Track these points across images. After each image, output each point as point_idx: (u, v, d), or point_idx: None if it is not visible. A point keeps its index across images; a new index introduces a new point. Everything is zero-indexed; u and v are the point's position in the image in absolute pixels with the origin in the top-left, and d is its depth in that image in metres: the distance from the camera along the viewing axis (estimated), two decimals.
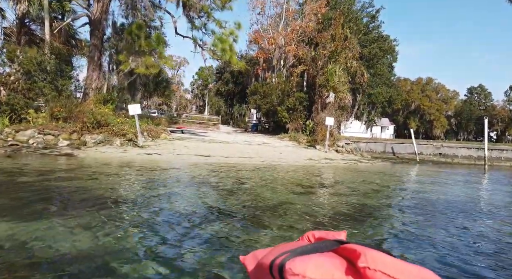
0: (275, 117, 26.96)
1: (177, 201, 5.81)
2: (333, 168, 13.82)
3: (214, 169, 10.82)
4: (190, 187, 7.40)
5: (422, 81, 68.76)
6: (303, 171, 11.84)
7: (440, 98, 68.33)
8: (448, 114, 69.70)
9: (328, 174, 11.62)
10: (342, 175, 11.45)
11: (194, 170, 10.14)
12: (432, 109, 64.92)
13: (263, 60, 33.03)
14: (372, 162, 17.28)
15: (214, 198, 6.30)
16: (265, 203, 6.06)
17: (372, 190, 8.61)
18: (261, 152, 16.37)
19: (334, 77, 24.20)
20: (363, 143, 23.54)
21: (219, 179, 8.64)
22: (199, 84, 68.69)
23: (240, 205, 5.83)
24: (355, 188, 8.64)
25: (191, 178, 8.54)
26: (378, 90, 33.15)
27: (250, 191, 7.10)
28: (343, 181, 9.91)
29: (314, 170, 12.58)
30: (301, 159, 15.62)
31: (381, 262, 0.56)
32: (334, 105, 24.06)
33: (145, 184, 7.42)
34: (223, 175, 9.35)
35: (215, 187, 7.38)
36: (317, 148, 19.54)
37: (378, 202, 7.00)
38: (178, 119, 32.94)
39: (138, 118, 18.48)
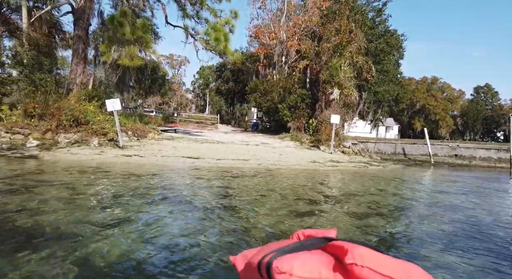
0: (276, 116, 24.97)
1: (105, 246, 3.40)
2: (340, 172, 11.81)
3: (198, 175, 8.86)
4: (152, 206, 5.43)
5: (427, 81, 66.47)
6: (306, 177, 9.85)
7: (445, 98, 65.98)
8: (454, 114, 67.32)
9: (335, 181, 9.61)
10: (352, 183, 9.43)
11: (172, 177, 8.18)
12: (437, 109, 62.63)
13: (263, 56, 31.04)
14: (384, 165, 15.26)
15: (175, 231, 4.21)
16: (251, 237, 4.08)
17: (395, 207, 6.60)
18: (258, 154, 14.40)
19: (339, 72, 22.18)
20: (371, 143, 21.50)
21: (198, 191, 6.67)
22: (200, 83, 66.81)
23: (211, 247, 3.60)
24: (373, 203, 6.64)
25: (162, 191, 6.56)
26: (385, 87, 31.03)
27: (232, 213, 5.12)
28: (355, 191, 7.90)
29: (319, 175, 10.58)
30: (304, 161, 13.64)
31: (369, 259, 0.55)
32: (339, 103, 22.06)
33: (84, 202, 5.47)
34: (205, 184, 7.38)
35: (186, 207, 5.39)
36: (321, 149, 17.53)
37: (411, 230, 5.00)
38: (175, 119, 31.07)
39: (123, 117, 16.60)
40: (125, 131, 14.71)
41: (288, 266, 0.56)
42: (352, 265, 0.55)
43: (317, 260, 0.59)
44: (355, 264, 0.55)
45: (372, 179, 10.62)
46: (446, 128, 63.37)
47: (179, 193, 6.22)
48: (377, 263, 0.56)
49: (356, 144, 19.29)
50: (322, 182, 9.12)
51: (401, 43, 31.78)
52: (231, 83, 42.24)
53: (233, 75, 41.66)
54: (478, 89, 68.17)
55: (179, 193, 6.25)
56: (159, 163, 10.78)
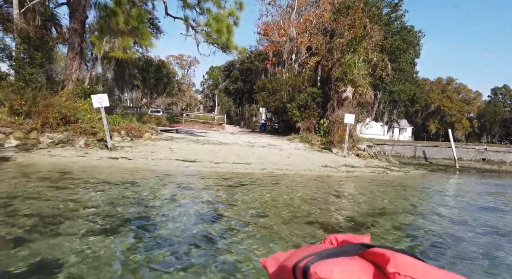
0: (285, 116, 23.26)
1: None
2: (357, 179, 10.04)
3: (188, 183, 7.26)
4: (90, 238, 3.84)
5: (442, 81, 63.64)
6: (317, 186, 8.13)
7: (461, 99, 63.03)
8: (470, 116, 64.25)
9: (353, 191, 7.84)
10: (374, 195, 7.66)
11: (152, 187, 6.58)
12: (453, 111, 59.78)
13: (272, 54, 29.39)
14: (404, 170, 13.39)
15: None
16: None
17: (437, 235, 4.85)
18: (263, 156, 12.74)
19: (353, 69, 20.34)
20: (388, 145, 19.56)
21: (174, 211, 5.04)
22: (210, 84, 65.59)
23: None
24: (408, 228, 4.92)
25: (123, 211, 4.98)
26: (401, 87, 28.98)
27: (213, 255, 3.47)
28: (382, 209, 6.13)
29: (333, 184, 8.85)
30: (314, 165, 11.92)
31: (411, 268, 0.52)
32: (353, 102, 20.20)
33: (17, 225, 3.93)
34: (189, 199, 5.76)
35: (151, 237, 3.79)
36: (333, 152, 15.76)
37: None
38: (180, 119, 29.69)
39: (118, 115, 15.20)
40: (117, 131, 13.27)
41: (327, 272, 0.53)
42: (395, 274, 0.51)
43: (357, 267, 0.55)
44: (397, 273, 0.51)
45: (396, 189, 8.83)
46: (462, 131, 60.42)
47: (145, 215, 4.59)
48: (421, 273, 0.52)
49: (372, 146, 17.44)
50: (338, 193, 7.39)
51: (418, 40, 29.65)
52: (239, 82, 40.70)
53: (241, 75, 40.13)
54: (496, 90, 64.92)
55: (146, 214, 4.62)
56: (148, 167, 9.24)
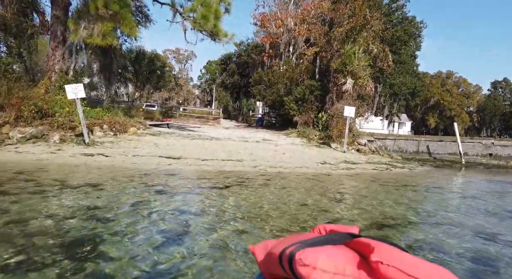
0: (282, 109, 22.14)
1: None
2: (359, 178, 8.96)
3: (163, 185, 6.17)
4: None
5: (442, 75, 62.38)
6: (315, 187, 7.05)
7: (461, 93, 61.83)
8: (470, 110, 63.14)
9: (354, 194, 6.73)
10: (379, 196, 6.57)
11: (119, 192, 5.49)
12: (452, 105, 58.59)
13: (269, 46, 28.16)
14: (409, 167, 12.30)
15: None
16: None
17: (469, 256, 3.79)
18: (257, 152, 11.66)
19: (353, 60, 19.18)
20: (390, 140, 18.46)
21: (134, 223, 3.96)
22: (207, 78, 64.24)
23: None
24: (428, 246, 3.85)
25: (71, 228, 3.90)
26: (401, 79, 27.82)
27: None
28: (388, 217, 5.07)
29: (332, 184, 7.78)
30: (312, 162, 10.85)
31: (395, 258, 0.53)
32: (353, 95, 19.08)
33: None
34: (158, 209, 4.66)
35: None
36: (332, 147, 14.69)
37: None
38: (174, 113, 28.55)
39: (101, 108, 14.08)
40: (99, 125, 12.16)
41: (313, 259, 0.53)
42: (377, 263, 0.52)
43: (342, 256, 0.56)
44: (380, 263, 0.52)
45: (403, 189, 7.75)
46: (462, 125, 59.26)
47: (88, 237, 3.50)
48: (404, 263, 0.53)
49: (373, 141, 16.37)
50: (338, 197, 6.30)
51: (420, 31, 28.42)
52: (236, 76, 39.46)
53: (238, 68, 38.88)
54: (495, 84, 63.70)
55: (89, 236, 3.52)
56: (125, 164, 8.15)
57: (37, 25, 16.81)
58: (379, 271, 0.52)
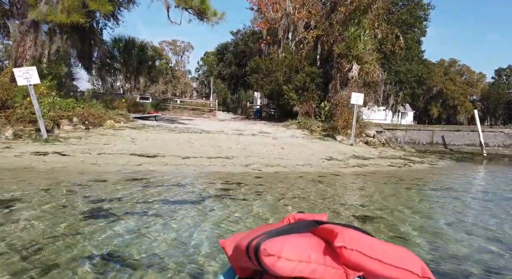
0: (281, 99, 20.22)
1: None
2: (375, 179, 7.10)
3: (112, 199, 4.35)
4: None
5: (444, 64, 60.03)
6: (321, 196, 5.22)
7: (464, 82, 59.56)
8: (473, 98, 60.98)
9: (379, 207, 4.74)
10: (415, 211, 4.71)
11: (38, 215, 3.68)
12: (456, 94, 56.41)
13: (267, 32, 26.08)
14: (429, 161, 10.44)
15: None
16: None
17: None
18: (252, 147, 9.84)
19: (358, 43, 17.23)
20: (401, 131, 16.55)
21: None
22: (205, 70, 62.04)
23: None
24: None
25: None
26: (407, 66, 25.78)
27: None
28: (449, 256, 3.24)
29: (345, 190, 5.95)
30: (316, 158, 9.02)
31: (358, 242, 0.54)
32: (358, 82, 17.16)
33: None
34: (80, 243, 2.85)
35: None
36: (337, 139, 12.85)
37: None
38: (167, 105, 26.67)
39: (72, 99, 12.22)
40: (68, 117, 10.32)
41: (277, 249, 0.53)
42: (341, 248, 0.53)
43: (307, 243, 0.56)
44: (344, 247, 0.53)
45: (441, 196, 5.90)
46: (465, 114, 57.28)
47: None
48: (367, 247, 0.54)
49: (381, 132, 14.53)
50: (357, 211, 4.46)
51: (427, 13, 26.27)
52: (233, 67, 37.39)
53: (235, 58, 36.79)
54: (500, 71, 61.37)
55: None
56: (82, 167, 6.33)
57: (6, 7, 14.90)
58: (343, 255, 0.53)
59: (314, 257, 0.54)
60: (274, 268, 0.53)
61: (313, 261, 0.54)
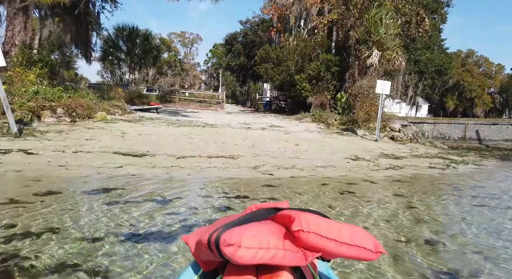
0: (292, 90, 18.50)
1: None
2: (423, 189, 5.40)
3: (51, 224, 2.83)
4: None
5: (461, 54, 56.81)
6: (364, 216, 3.61)
7: (482, 73, 56.36)
8: (491, 91, 57.76)
9: (468, 246, 3.20)
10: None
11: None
12: (473, 86, 53.40)
13: (277, 19, 24.20)
14: (473, 161, 8.65)
15: None
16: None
17: None
18: (261, 144, 8.25)
19: (379, 28, 15.32)
20: (429, 124, 14.69)
21: None
22: (214, 62, 60.30)
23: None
24: None
25: None
26: (428, 55, 23.61)
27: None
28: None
29: (393, 210, 4.31)
30: (338, 157, 7.37)
31: (314, 224, 0.55)
32: (379, 70, 15.32)
33: None
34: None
35: None
36: (359, 134, 11.15)
37: None
38: (173, 97, 25.23)
39: (58, 88, 10.78)
40: (50, 108, 8.89)
41: (236, 238, 0.53)
42: (298, 231, 0.54)
43: (266, 230, 0.57)
44: (301, 231, 0.54)
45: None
46: (483, 107, 54.33)
47: None
48: (323, 228, 0.55)
49: (407, 125, 12.73)
50: (446, 263, 2.84)
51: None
52: (242, 58, 35.61)
53: (244, 49, 34.99)
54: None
55: None
56: (45, 170, 4.86)
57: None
58: (300, 238, 0.54)
59: (273, 243, 0.54)
60: (235, 257, 0.52)
61: (272, 247, 0.54)
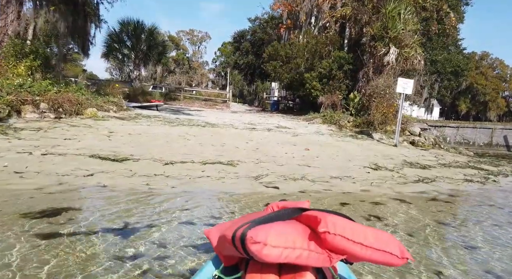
0: (301, 89, 17.34)
1: None
2: (471, 213, 4.23)
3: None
4: None
5: (475, 57, 54.73)
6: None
7: (497, 76, 54.23)
8: (506, 94, 55.57)
9: None
10: None
11: None
12: (487, 89, 51.37)
13: (287, 16, 23.05)
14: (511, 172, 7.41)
15: None
16: None
17: None
18: (266, 147, 7.15)
19: (397, 23, 14.10)
20: (451, 128, 13.34)
21: None
22: (222, 61, 59.34)
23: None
24: None
25: None
26: (445, 55, 22.16)
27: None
28: None
29: (439, 246, 3.16)
30: (356, 166, 6.23)
31: (341, 227, 0.55)
32: (396, 69, 14.10)
33: None
34: None
35: None
36: (375, 138, 9.97)
37: None
38: (178, 95, 24.31)
39: (48, 81, 9.85)
40: (32, 103, 7.94)
41: (263, 236, 0.53)
42: (325, 233, 0.54)
43: (292, 230, 0.56)
44: (328, 232, 0.53)
45: None
46: (497, 111, 52.24)
47: None
48: (349, 231, 0.55)
49: (426, 129, 11.48)
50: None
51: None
52: (250, 56, 34.51)
53: (252, 47, 33.89)
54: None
55: None
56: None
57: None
58: (326, 240, 0.54)
59: (299, 243, 0.54)
60: (260, 255, 0.52)
61: (298, 247, 0.54)
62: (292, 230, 0.56)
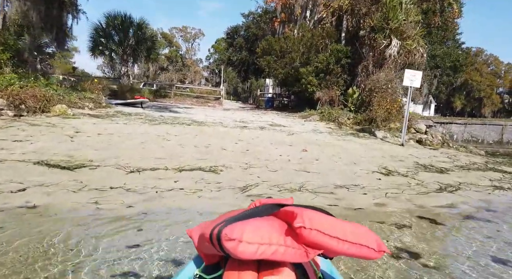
0: (297, 85, 16.30)
1: None
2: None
3: None
4: None
5: (470, 53, 54.15)
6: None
7: (491, 72, 53.72)
8: (500, 91, 55.11)
9: None
10: None
11: None
12: (482, 85, 50.87)
13: (281, 9, 21.97)
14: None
15: None
16: None
17: None
18: (258, 148, 6.10)
19: (398, 13, 13.12)
20: (458, 125, 12.42)
21: None
22: (216, 58, 58.03)
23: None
24: None
25: None
26: (445, 49, 21.27)
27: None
28: None
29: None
30: (362, 170, 5.22)
31: (317, 221, 0.54)
32: (397, 62, 13.14)
33: None
34: None
35: None
36: (378, 136, 8.97)
37: None
38: (168, 92, 23.15)
39: (12, 75, 8.69)
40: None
41: (238, 233, 0.52)
42: (300, 228, 0.53)
43: (268, 226, 0.56)
44: (303, 227, 0.53)
45: None
46: (491, 107, 51.78)
47: None
48: (326, 226, 0.54)
49: (432, 126, 10.54)
50: None
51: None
52: (244, 52, 33.37)
53: (246, 43, 32.75)
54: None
55: None
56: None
57: None
58: (302, 235, 0.53)
59: (275, 239, 0.53)
60: (236, 252, 0.51)
61: (274, 243, 0.53)
62: (269, 226, 0.55)
